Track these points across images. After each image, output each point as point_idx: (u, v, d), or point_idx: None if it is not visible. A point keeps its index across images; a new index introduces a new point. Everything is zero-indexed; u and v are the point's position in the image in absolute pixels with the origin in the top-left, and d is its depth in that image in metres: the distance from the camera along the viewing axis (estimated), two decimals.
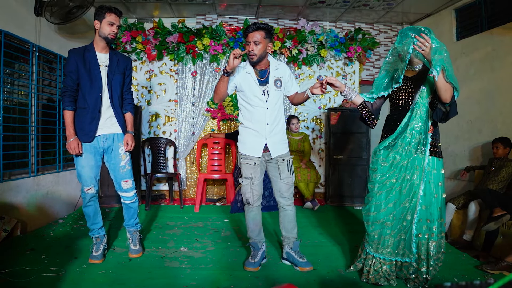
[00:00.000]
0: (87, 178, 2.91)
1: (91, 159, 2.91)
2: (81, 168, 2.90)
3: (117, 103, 3.00)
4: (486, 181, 3.97)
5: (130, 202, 3.15)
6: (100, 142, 2.94)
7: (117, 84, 2.99)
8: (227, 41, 5.46)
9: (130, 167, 3.11)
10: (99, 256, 2.96)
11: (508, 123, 4.35)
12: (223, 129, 5.86)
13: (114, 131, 3.00)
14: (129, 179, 3.09)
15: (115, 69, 2.98)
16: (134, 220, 3.19)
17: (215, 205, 5.28)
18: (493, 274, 2.88)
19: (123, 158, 3.04)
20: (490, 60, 4.64)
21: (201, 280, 2.66)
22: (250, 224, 3.01)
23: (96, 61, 2.90)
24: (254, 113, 2.88)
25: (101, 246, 3.03)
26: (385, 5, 5.40)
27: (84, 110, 2.87)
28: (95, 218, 3.04)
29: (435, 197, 2.50)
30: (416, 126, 2.51)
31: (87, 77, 2.85)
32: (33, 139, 3.94)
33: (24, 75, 3.95)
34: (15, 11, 3.67)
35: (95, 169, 2.95)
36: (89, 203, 2.98)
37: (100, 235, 3.07)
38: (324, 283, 2.65)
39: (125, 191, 3.09)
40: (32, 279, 2.54)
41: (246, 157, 2.91)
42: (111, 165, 3.05)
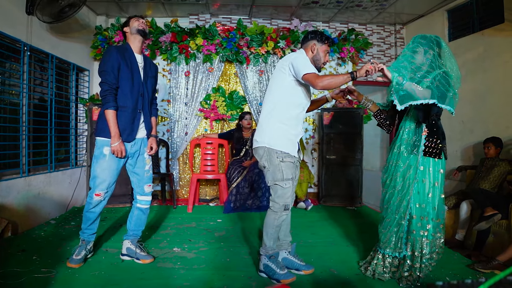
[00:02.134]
0: (104, 182, 2.79)
1: (114, 163, 2.81)
2: (101, 170, 2.78)
3: (147, 107, 2.96)
4: (478, 181, 4.00)
5: (146, 207, 3.07)
6: (128, 147, 2.86)
7: (149, 87, 2.97)
8: (220, 41, 5.45)
9: (152, 172, 3.10)
10: (78, 260, 2.81)
11: (500, 123, 4.39)
12: (216, 129, 5.85)
13: (141, 135, 2.95)
14: (151, 183, 3.08)
15: (148, 72, 2.95)
16: (142, 228, 3.11)
17: (208, 206, 5.26)
18: (485, 273, 2.91)
19: (148, 162, 3.03)
20: (482, 61, 4.68)
21: (194, 280, 2.65)
22: (275, 231, 2.72)
23: (135, 61, 2.85)
24: (300, 112, 2.75)
25: (83, 251, 2.88)
26: (378, 5, 5.43)
27: (125, 109, 2.79)
28: (92, 225, 2.94)
29: (429, 196, 2.54)
30: (409, 127, 2.64)
31: (130, 76, 2.78)
32: (25, 139, 3.91)
33: (15, 74, 3.92)
34: (6, 9, 3.63)
35: (115, 174, 2.85)
36: (94, 209, 2.85)
37: (87, 240, 2.95)
38: (317, 283, 2.65)
39: (146, 194, 3.04)
40: (24, 280, 2.52)
41: (287, 155, 2.67)
42: (136, 169, 2.98)
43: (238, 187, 4.92)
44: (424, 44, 2.59)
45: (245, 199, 4.91)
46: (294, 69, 2.59)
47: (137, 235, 3.08)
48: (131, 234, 3.05)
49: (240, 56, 5.51)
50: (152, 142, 2.99)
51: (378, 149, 6.95)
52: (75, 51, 4.99)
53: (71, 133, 5.02)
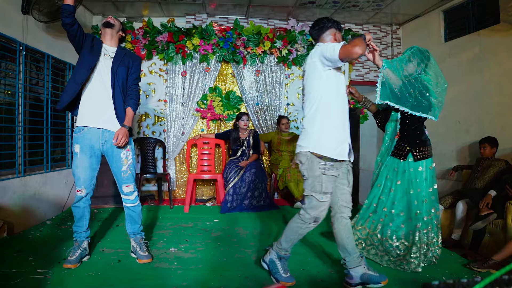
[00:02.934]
0: (78, 179, 2.84)
1: (85, 161, 2.83)
2: (75, 167, 2.84)
3: (119, 95, 2.89)
4: (474, 181, 4.02)
5: (132, 206, 3.03)
6: (98, 144, 2.85)
7: (119, 75, 2.90)
8: (217, 41, 5.45)
9: (132, 171, 3.00)
10: (73, 260, 2.81)
11: (495, 123, 4.41)
12: (213, 129, 5.84)
13: (111, 127, 2.87)
14: (130, 184, 2.99)
15: (120, 62, 2.92)
16: (139, 227, 3.10)
17: (205, 206, 5.26)
18: (481, 272, 2.92)
19: (125, 162, 2.94)
20: (478, 61, 4.70)
21: (191, 280, 2.64)
22: (296, 239, 2.65)
23: (100, 49, 2.90)
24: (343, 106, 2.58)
25: (78, 251, 2.89)
26: (375, 6, 5.44)
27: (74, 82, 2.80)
28: (80, 221, 2.94)
29: (410, 192, 2.91)
30: (388, 131, 3.09)
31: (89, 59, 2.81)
32: (20, 139, 3.89)
33: (11, 74, 3.89)
34: (2, 9, 3.61)
35: (89, 171, 2.86)
36: (77, 204, 2.89)
37: (79, 240, 2.96)
38: (314, 283, 2.66)
39: (126, 194, 2.99)
40: (19, 281, 2.51)
41: (332, 167, 2.47)
42: (112, 168, 2.97)
43: (235, 187, 4.92)
44: (419, 56, 2.81)
45: (242, 199, 4.91)
46: (328, 55, 2.31)
47: (136, 233, 3.08)
48: (130, 233, 3.08)
49: (237, 56, 5.50)
50: (118, 132, 2.81)
51: (375, 149, 6.96)
52: (71, 51, 4.87)
53: (67, 133, 5.00)
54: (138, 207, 3.07)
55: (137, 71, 3.05)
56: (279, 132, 5.44)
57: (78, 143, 2.82)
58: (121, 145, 2.83)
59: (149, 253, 3.04)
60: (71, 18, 2.71)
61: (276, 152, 5.43)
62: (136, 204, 3.04)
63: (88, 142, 2.83)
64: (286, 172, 5.10)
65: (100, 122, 2.84)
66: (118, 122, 2.87)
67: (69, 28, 2.73)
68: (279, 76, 5.78)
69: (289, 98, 5.88)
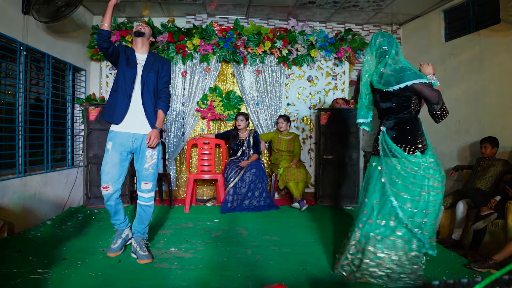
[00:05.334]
0: (106, 174, 2.94)
1: (115, 157, 2.96)
2: (104, 164, 2.96)
3: (148, 99, 3.01)
4: (474, 180, 4.02)
5: (145, 205, 3.10)
6: (129, 142, 2.98)
7: (150, 80, 3.03)
8: (217, 41, 5.45)
9: (154, 171, 3.10)
10: (115, 248, 3.08)
11: (495, 123, 4.41)
12: (213, 129, 5.84)
13: (143, 131, 3.01)
14: (149, 182, 3.09)
15: (150, 68, 3.05)
16: (144, 227, 3.14)
17: (205, 206, 5.26)
18: (481, 272, 2.92)
19: (149, 161, 3.04)
20: (478, 61, 4.70)
21: (191, 280, 2.64)
22: None
23: (134, 57, 3.04)
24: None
25: (119, 240, 3.13)
26: (375, 6, 5.44)
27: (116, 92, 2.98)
28: (116, 215, 3.11)
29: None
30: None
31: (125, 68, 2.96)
32: (21, 139, 3.89)
33: (11, 74, 3.90)
34: (2, 9, 3.61)
35: (118, 168, 2.97)
36: (108, 202, 3.01)
37: (120, 229, 3.17)
38: (314, 283, 2.65)
39: (142, 191, 3.08)
40: (20, 281, 2.51)
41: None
42: (137, 165, 3.09)
43: (235, 187, 4.92)
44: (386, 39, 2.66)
45: (242, 199, 4.91)
46: None
47: (139, 232, 3.11)
48: (134, 231, 3.14)
49: (237, 56, 5.50)
50: (151, 133, 2.96)
51: None
52: (71, 51, 4.98)
53: (68, 133, 5.00)
54: (150, 209, 3.14)
55: (167, 74, 3.16)
56: (279, 132, 5.44)
57: (111, 140, 2.97)
58: (153, 145, 2.97)
59: (149, 253, 3.05)
60: (108, 43, 2.87)
61: (276, 151, 5.43)
62: (149, 204, 3.12)
63: (119, 140, 2.97)
64: (286, 172, 5.10)
65: (132, 128, 2.99)
66: (149, 125, 3.01)
67: (105, 51, 2.90)
68: (280, 76, 5.77)
69: (289, 98, 5.88)
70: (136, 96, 2.98)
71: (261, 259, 3.11)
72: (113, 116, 2.95)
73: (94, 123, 4.94)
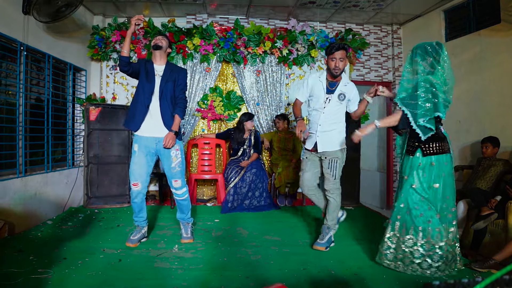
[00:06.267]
0: (135, 174, 3.28)
1: (142, 158, 3.30)
2: (132, 164, 3.31)
3: (166, 106, 3.30)
4: (475, 180, 4.02)
5: (180, 199, 3.51)
6: (153, 144, 3.31)
7: (167, 89, 3.31)
8: (217, 41, 5.45)
9: (181, 168, 3.44)
10: (134, 240, 3.39)
11: (495, 123, 4.41)
12: (213, 129, 5.84)
13: (162, 134, 3.31)
14: (178, 179, 3.43)
15: (168, 77, 3.33)
16: (185, 216, 3.59)
17: (206, 206, 5.26)
18: (481, 272, 2.92)
19: (174, 160, 3.38)
20: (478, 61, 4.70)
21: (191, 280, 2.64)
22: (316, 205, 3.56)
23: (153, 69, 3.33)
24: (312, 116, 3.41)
25: (139, 234, 3.45)
26: (375, 6, 5.43)
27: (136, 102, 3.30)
28: (140, 213, 3.44)
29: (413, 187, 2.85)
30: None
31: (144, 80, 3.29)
32: (21, 139, 3.89)
33: (11, 74, 3.90)
34: (2, 9, 3.61)
35: (145, 168, 3.32)
36: (135, 199, 3.34)
37: (141, 225, 3.48)
38: (315, 283, 2.66)
39: (175, 188, 3.46)
40: (20, 281, 2.51)
41: (303, 152, 3.49)
42: (164, 166, 3.43)
43: (236, 187, 4.92)
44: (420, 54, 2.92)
45: (243, 199, 4.91)
46: None
47: (183, 219, 3.60)
48: (179, 219, 3.62)
49: (238, 56, 5.50)
50: (166, 136, 3.25)
51: (376, 149, 6.95)
52: (72, 51, 4.98)
53: (68, 133, 5.00)
54: (185, 201, 3.55)
55: (183, 82, 3.44)
56: (278, 131, 5.46)
57: (136, 143, 3.32)
58: (168, 146, 3.26)
59: (192, 235, 3.58)
60: (127, 67, 3.23)
61: (277, 150, 5.43)
62: (183, 198, 3.52)
63: (144, 143, 3.31)
64: (284, 171, 5.11)
65: (155, 132, 3.31)
66: (167, 129, 3.31)
67: (126, 72, 3.29)
68: (280, 76, 5.77)
69: (289, 98, 5.88)
70: (154, 104, 3.28)
71: (261, 259, 3.11)
72: (131, 124, 3.31)
73: (95, 123, 4.94)
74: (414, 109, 2.75)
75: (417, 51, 2.89)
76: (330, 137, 3.34)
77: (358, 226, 4.21)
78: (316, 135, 3.33)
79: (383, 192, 6.61)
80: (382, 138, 6.73)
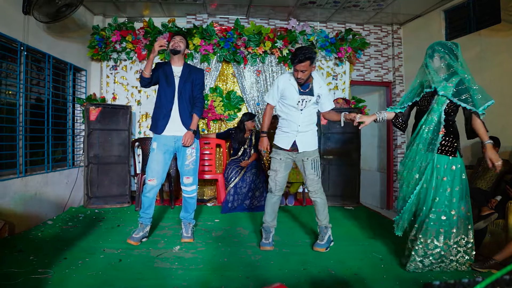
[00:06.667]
0: (152, 170, 3.39)
1: (160, 155, 3.41)
2: (150, 161, 3.43)
3: (185, 106, 3.42)
4: (475, 180, 4.02)
5: (189, 197, 3.58)
6: (172, 142, 3.42)
7: (186, 90, 3.43)
8: (217, 41, 5.45)
9: (194, 166, 3.55)
10: (137, 238, 3.42)
11: (496, 123, 4.40)
12: (213, 129, 5.84)
13: (181, 133, 3.43)
14: (190, 177, 3.53)
15: (186, 78, 3.44)
16: (189, 215, 3.63)
17: (206, 206, 5.26)
18: (482, 272, 2.91)
19: (189, 158, 3.49)
20: (479, 61, 4.70)
21: (191, 280, 2.64)
22: (269, 209, 3.48)
23: (171, 72, 3.43)
24: (289, 116, 3.33)
25: (141, 232, 3.49)
26: (375, 6, 5.44)
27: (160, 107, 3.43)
28: (148, 209, 3.50)
29: (448, 191, 2.77)
30: (428, 127, 2.84)
31: (164, 83, 3.40)
32: (21, 139, 3.89)
33: (11, 74, 3.90)
34: (3, 9, 3.62)
35: (162, 165, 3.42)
36: (148, 193, 3.42)
37: (144, 223, 3.53)
38: (315, 283, 2.65)
39: (185, 185, 3.55)
40: (20, 281, 2.51)
41: (276, 152, 3.41)
42: (178, 162, 3.54)
43: (236, 187, 4.92)
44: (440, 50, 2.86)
45: (243, 199, 4.91)
46: None
47: (185, 219, 3.62)
48: (181, 218, 3.65)
49: (238, 56, 5.51)
50: (185, 134, 3.39)
51: (376, 149, 6.96)
52: (72, 51, 4.98)
53: (68, 133, 5.01)
54: (193, 199, 3.61)
55: (200, 82, 3.55)
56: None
57: (156, 141, 3.43)
58: (188, 145, 3.40)
59: (192, 235, 3.59)
60: (147, 84, 3.40)
61: None
62: (192, 195, 3.59)
63: (163, 141, 3.42)
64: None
65: (174, 131, 3.42)
66: (185, 128, 3.43)
67: (147, 87, 3.48)
68: None
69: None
70: (174, 105, 3.40)
71: (261, 259, 3.11)
72: (156, 129, 3.43)
73: (95, 123, 4.94)
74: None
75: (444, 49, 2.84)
76: (308, 137, 3.34)
77: (359, 226, 4.21)
78: (295, 135, 3.30)
79: (383, 192, 6.62)
80: (382, 138, 6.74)
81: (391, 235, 3.74)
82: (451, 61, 2.79)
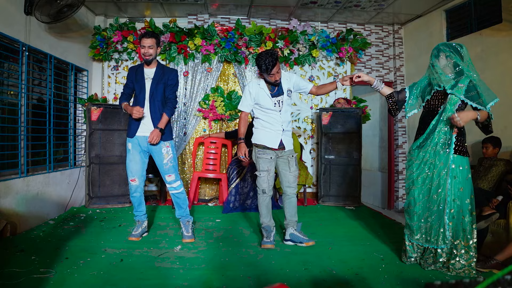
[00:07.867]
0: (131, 170, 3.50)
1: (136, 155, 3.49)
2: (128, 161, 3.51)
3: (156, 107, 3.45)
4: (476, 180, 4.01)
5: (176, 192, 3.60)
6: (144, 143, 3.46)
7: (158, 91, 3.46)
8: (219, 41, 5.45)
9: (173, 163, 3.58)
10: (137, 234, 3.56)
11: (497, 123, 4.38)
12: (214, 129, 5.83)
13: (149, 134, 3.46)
14: (171, 174, 3.56)
15: (159, 80, 3.47)
16: (184, 211, 3.64)
17: (207, 205, 5.26)
18: (483, 272, 2.91)
19: (166, 156, 3.52)
20: (480, 61, 4.69)
21: (193, 280, 2.65)
22: (264, 210, 3.54)
23: (143, 74, 3.49)
24: (270, 117, 3.40)
25: (140, 228, 3.62)
26: (376, 5, 5.44)
27: None
28: (139, 207, 3.61)
29: (461, 190, 2.80)
30: (443, 128, 2.84)
31: (138, 86, 3.47)
32: (23, 139, 3.90)
33: (13, 74, 3.91)
34: (4, 10, 3.63)
35: (140, 164, 3.52)
36: (134, 193, 3.54)
37: (141, 220, 3.66)
38: (316, 283, 2.66)
39: (169, 183, 3.58)
40: (22, 281, 2.52)
41: (263, 152, 3.41)
42: (157, 162, 3.57)
43: (237, 187, 4.93)
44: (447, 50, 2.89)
45: (244, 199, 4.92)
46: None
47: (182, 216, 3.65)
48: (178, 216, 3.68)
49: (239, 56, 5.51)
50: (152, 133, 3.38)
51: (377, 149, 6.96)
52: (73, 51, 4.99)
53: (70, 133, 5.02)
54: (182, 194, 3.64)
55: (173, 82, 3.56)
56: None
57: (130, 142, 3.49)
58: (153, 142, 3.38)
59: (192, 234, 3.62)
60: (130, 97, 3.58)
61: None
62: (179, 191, 3.62)
63: (136, 141, 3.48)
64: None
65: (144, 132, 3.46)
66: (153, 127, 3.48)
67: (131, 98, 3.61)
68: None
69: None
70: (145, 107, 3.43)
71: (263, 259, 3.11)
72: (129, 132, 3.50)
73: (96, 123, 4.95)
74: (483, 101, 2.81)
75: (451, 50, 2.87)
76: (288, 136, 3.49)
77: (360, 226, 4.21)
78: (281, 134, 3.40)
79: (384, 192, 6.61)
80: (383, 138, 6.73)
81: (392, 235, 3.75)
82: (456, 60, 2.83)
